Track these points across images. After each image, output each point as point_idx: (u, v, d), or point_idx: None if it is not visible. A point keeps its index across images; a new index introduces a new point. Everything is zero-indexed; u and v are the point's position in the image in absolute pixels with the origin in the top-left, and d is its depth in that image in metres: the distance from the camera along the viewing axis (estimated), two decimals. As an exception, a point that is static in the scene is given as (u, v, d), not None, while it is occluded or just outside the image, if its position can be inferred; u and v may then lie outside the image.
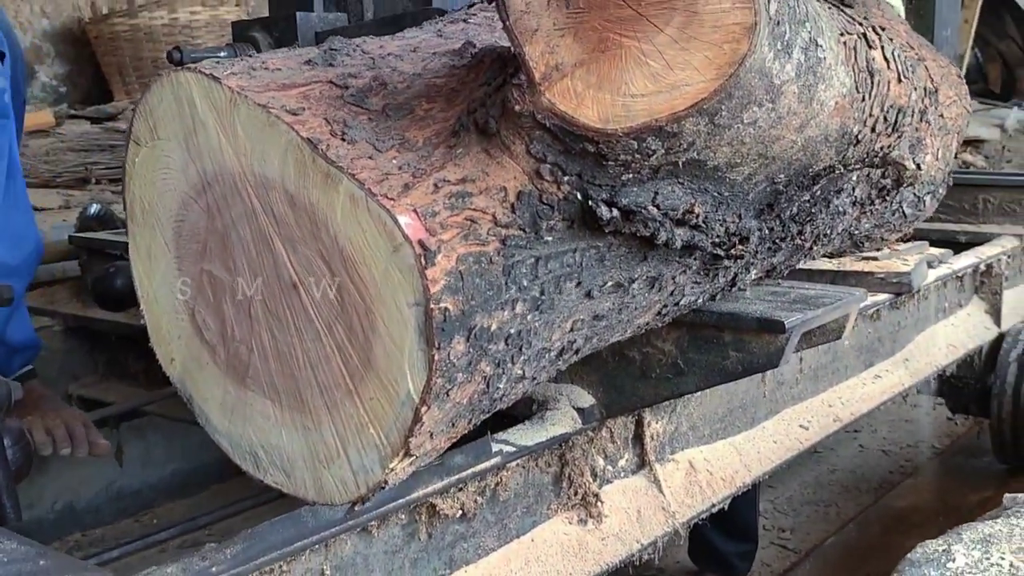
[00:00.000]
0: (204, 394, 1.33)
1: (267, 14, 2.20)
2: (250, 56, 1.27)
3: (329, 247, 1.14)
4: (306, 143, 1.12)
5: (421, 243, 1.08)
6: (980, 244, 3.42)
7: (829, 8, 1.39)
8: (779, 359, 1.65)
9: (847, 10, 1.85)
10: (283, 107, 1.15)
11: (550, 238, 1.18)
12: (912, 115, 1.51)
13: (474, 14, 1.56)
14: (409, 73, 1.29)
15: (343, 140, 1.14)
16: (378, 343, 1.14)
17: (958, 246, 3.42)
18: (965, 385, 3.45)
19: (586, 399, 1.87)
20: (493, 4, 1.10)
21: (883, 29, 1.75)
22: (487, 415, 1.28)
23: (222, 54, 1.78)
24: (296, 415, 1.24)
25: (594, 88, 1.08)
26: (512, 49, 1.10)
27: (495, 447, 1.68)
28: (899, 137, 1.45)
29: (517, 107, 1.11)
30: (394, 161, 1.13)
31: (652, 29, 1.07)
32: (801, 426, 2.53)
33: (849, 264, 2.72)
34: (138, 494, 3.20)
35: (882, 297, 2.68)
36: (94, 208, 2.80)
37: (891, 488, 3.68)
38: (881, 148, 1.43)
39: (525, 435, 1.76)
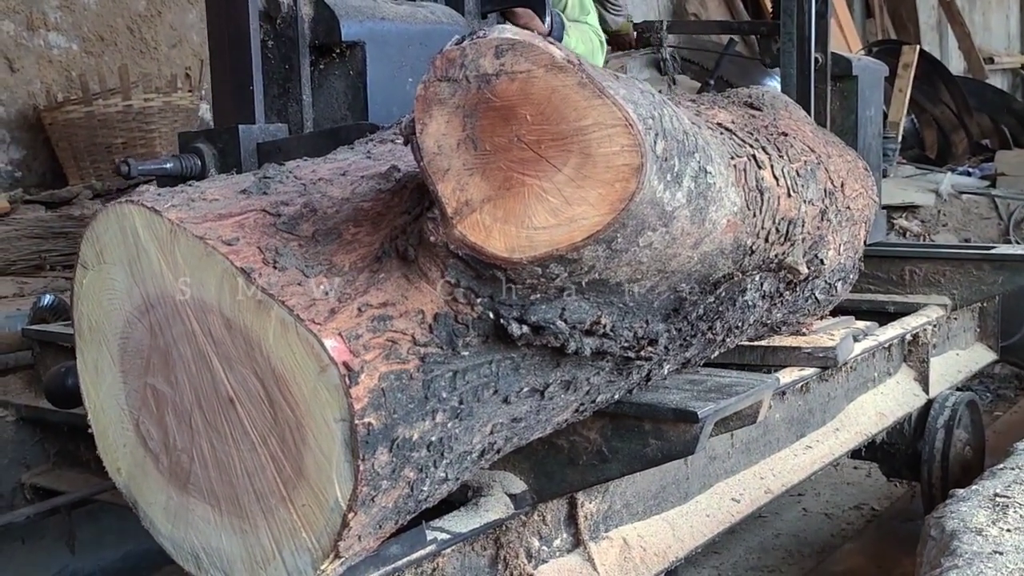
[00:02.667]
0: (148, 499, 1.42)
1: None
2: (191, 186, 1.38)
3: (263, 366, 1.24)
4: (240, 272, 1.23)
5: (346, 364, 1.18)
6: (908, 314, 3.57)
7: (721, 134, 1.52)
8: (695, 446, 1.76)
9: (755, 114, 2.00)
10: (219, 237, 1.26)
11: (467, 353, 1.29)
12: (802, 225, 1.64)
13: (402, 133, 1.68)
14: (338, 198, 1.40)
15: (274, 268, 1.24)
16: (308, 454, 1.24)
17: (887, 316, 3.57)
18: (897, 451, 3.58)
19: (518, 485, 1.96)
20: (409, 146, 1.21)
21: (785, 135, 1.89)
22: (413, 514, 1.38)
23: (168, 165, 1.89)
24: (235, 519, 1.33)
25: (501, 222, 1.20)
26: (427, 185, 1.21)
27: (430, 535, 1.77)
28: (791, 245, 1.59)
29: (432, 238, 1.22)
30: (321, 287, 1.24)
31: (551, 169, 1.19)
32: (733, 499, 2.63)
33: (778, 340, 2.85)
34: (94, 578, 3.23)
35: (810, 371, 2.82)
36: (47, 299, 2.87)
37: (831, 552, 3.78)
38: (775, 255, 1.56)
39: (459, 522, 1.85)
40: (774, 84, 4.60)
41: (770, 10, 4.55)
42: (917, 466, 3.53)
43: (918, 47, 7.96)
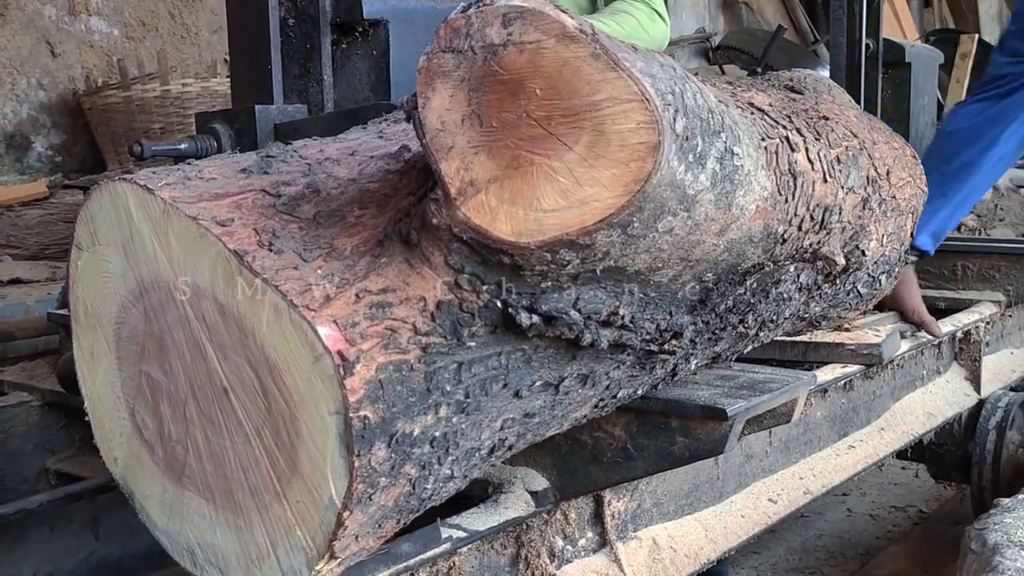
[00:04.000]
0: (144, 491, 1.36)
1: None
2: (190, 164, 1.32)
3: (256, 355, 1.18)
4: (233, 255, 1.16)
5: (340, 354, 1.11)
6: (960, 310, 3.44)
7: (751, 114, 1.43)
8: (724, 446, 1.67)
9: (796, 97, 1.90)
10: (213, 218, 1.19)
11: (473, 344, 1.21)
12: (839, 213, 1.54)
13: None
14: (344, 178, 1.33)
15: (270, 251, 1.18)
16: (303, 448, 1.17)
17: (938, 312, 3.45)
18: (946, 452, 3.46)
19: (540, 482, 1.89)
20: (411, 122, 1.14)
21: (826, 119, 1.79)
22: (418, 513, 1.31)
23: (183, 146, 1.83)
24: (229, 515, 1.27)
25: (507, 203, 1.12)
26: (430, 164, 1.14)
27: (445, 532, 1.70)
28: (828, 234, 1.49)
29: (435, 220, 1.14)
30: (319, 271, 1.17)
31: (562, 147, 1.10)
32: (770, 500, 2.53)
33: (821, 336, 2.75)
34: (118, 564, 3.21)
35: (853, 368, 2.71)
36: (75, 283, 2.84)
37: (876, 555, 3.67)
38: (810, 245, 1.47)
39: (477, 519, 1.78)
40: (824, 73, 4.48)
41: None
42: (967, 468, 3.40)
43: (977, 36, 7.74)
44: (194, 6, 4.79)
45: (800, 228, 1.43)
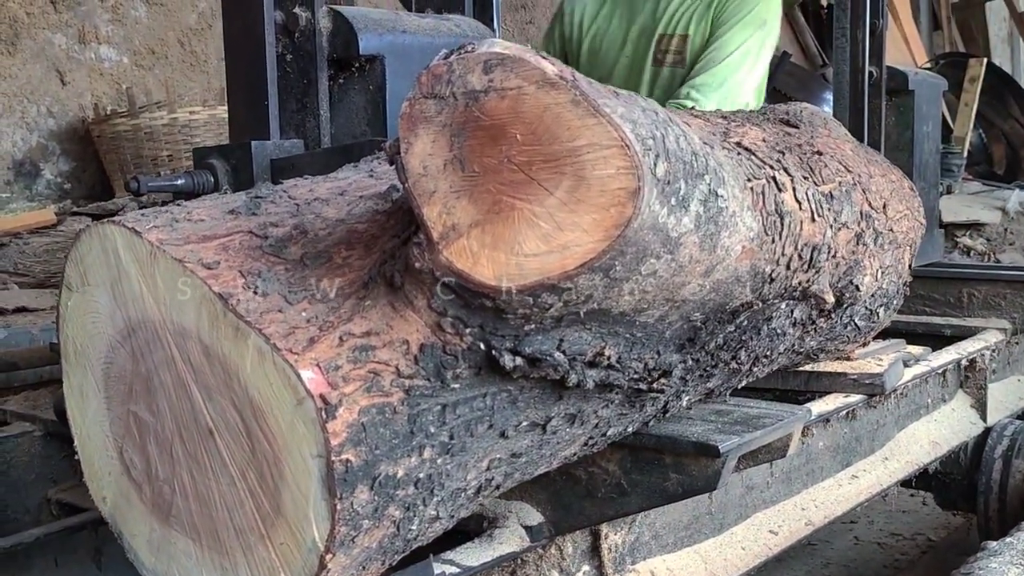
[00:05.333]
0: (132, 530, 1.37)
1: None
2: (179, 205, 1.33)
3: (241, 397, 1.18)
4: (218, 298, 1.17)
5: (322, 397, 1.12)
6: (965, 337, 3.43)
7: (738, 155, 1.43)
8: (717, 482, 1.66)
9: (791, 131, 1.90)
10: (199, 260, 1.20)
11: (457, 385, 1.22)
12: (828, 251, 1.54)
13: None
14: (332, 219, 1.34)
15: (255, 293, 1.18)
16: (286, 491, 1.17)
17: (943, 340, 3.43)
18: (952, 481, 3.43)
19: (535, 516, 1.88)
20: (393, 167, 1.15)
21: (820, 154, 1.79)
22: (403, 554, 1.31)
23: (179, 181, 1.85)
24: (215, 555, 1.27)
25: (489, 248, 1.12)
26: (412, 208, 1.14)
27: (438, 568, 1.69)
28: (817, 272, 1.49)
29: (418, 264, 1.15)
30: (303, 314, 1.18)
31: (543, 192, 1.11)
32: (771, 531, 2.52)
33: (823, 365, 2.74)
34: (124, 595, 3.21)
35: (856, 398, 2.70)
36: (78, 313, 2.85)
37: (883, 584, 3.64)
38: (799, 283, 1.47)
39: (471, 555, 1.77)
40: (829, 96, 4.48)
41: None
42: (973, 497, 3.37)
43: (985, 60, 7.73)
44: (203, 35, 4.83)
45: (788, 267, 1.43)
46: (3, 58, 4.31)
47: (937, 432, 3.23)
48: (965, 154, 7.06)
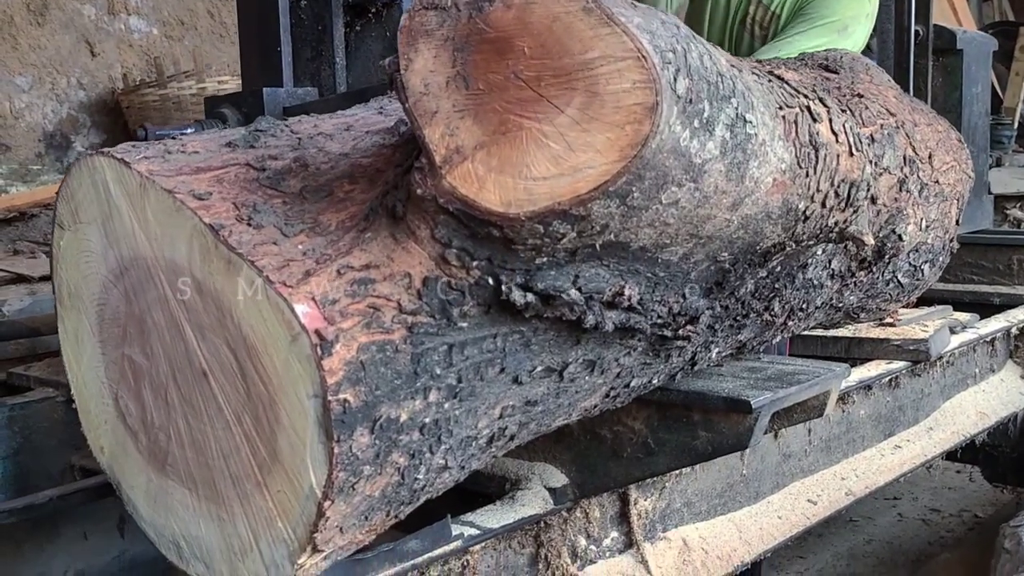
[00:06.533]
0: (130, 481, 1.31)
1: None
2: (174, 138, 1.26)
3: (234, 335, 1.11)
4: (208, 229, 1.10)
5: (318, 332, 1.04)
6: (1015, 306, 3.30)
7: (768, 81, 1.33)
8: (748, 440, 1.57)
9: (830, 76, 1.80)
10: (190, 192, 1.13)
11: (465, 324, 1.14)
12: (867, 189, 1.44)
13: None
14: (336, 153, 1.26)
15: (249, 225, 1.11)
16: (282, 435, 1.10)
17: (992, 308, 3.31)
18: (1000, 454, 3.31)
19: (559, 478, 1.80)
20: (392, 85, 1.07)
21: (860, 96, 1.69)
22: (411, 506, 1.23)
23: (189, 130, 1.78)
24: (212, 505, 1.20)
25: (495, 171, 1.04)
26: (413, 131, 1.07)
27: (456, 530, 1.62)
28: (855, 212, 1.39)
29: (420, 191, 1.07)
30: (300, 247, 1.10)
31: (553, 110, 1.03)
32: (809, 500, 2.43)
33: (865, 331, 2.63)
34: (152, 563, 3.18)
35: (899, 364, 2.59)
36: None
37: (928, 561, 3.52)
38: (835, 223, 1.37)
39: (491, 517, 1.70)
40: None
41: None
42: (1022, 471, 3.26)
43: (1038, 28, 7.50)
44: (232, 4, 4.77)
45: (824, 205, 1.33)
46: (32, 29, 4.28)
47: (985, 403, 3.11)
48: (1016, 125, 6.85)
